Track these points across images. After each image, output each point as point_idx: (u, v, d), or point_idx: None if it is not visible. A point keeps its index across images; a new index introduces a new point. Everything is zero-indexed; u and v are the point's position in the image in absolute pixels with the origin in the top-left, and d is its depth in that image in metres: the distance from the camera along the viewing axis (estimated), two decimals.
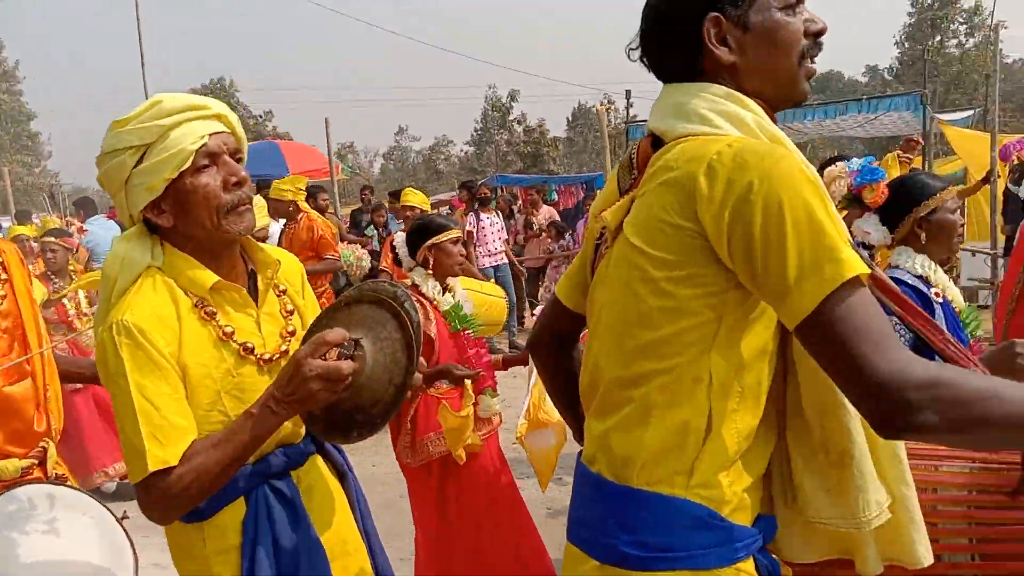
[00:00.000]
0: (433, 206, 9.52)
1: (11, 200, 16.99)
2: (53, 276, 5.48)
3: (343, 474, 1.76)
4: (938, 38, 43.25)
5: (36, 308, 2.31)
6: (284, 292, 1.69)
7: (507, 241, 9.76)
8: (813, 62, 1.33)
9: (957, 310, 2.35)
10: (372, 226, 9.48)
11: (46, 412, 2.24)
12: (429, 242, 3.11)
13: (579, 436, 1.62)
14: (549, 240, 10.88)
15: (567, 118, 47.89)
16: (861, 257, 1.14)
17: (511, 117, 41.94)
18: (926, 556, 1.33)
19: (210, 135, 1.51)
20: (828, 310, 1.09)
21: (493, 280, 7.24)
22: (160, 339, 1.44)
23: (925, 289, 2.32)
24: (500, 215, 9.87)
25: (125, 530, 2.18)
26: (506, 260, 9.37)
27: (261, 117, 40.64)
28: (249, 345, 1.55)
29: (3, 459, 2.13)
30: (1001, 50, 9.74)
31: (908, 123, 10.13)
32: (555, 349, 1.69)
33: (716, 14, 1.26)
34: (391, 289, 1.51)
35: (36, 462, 2.21)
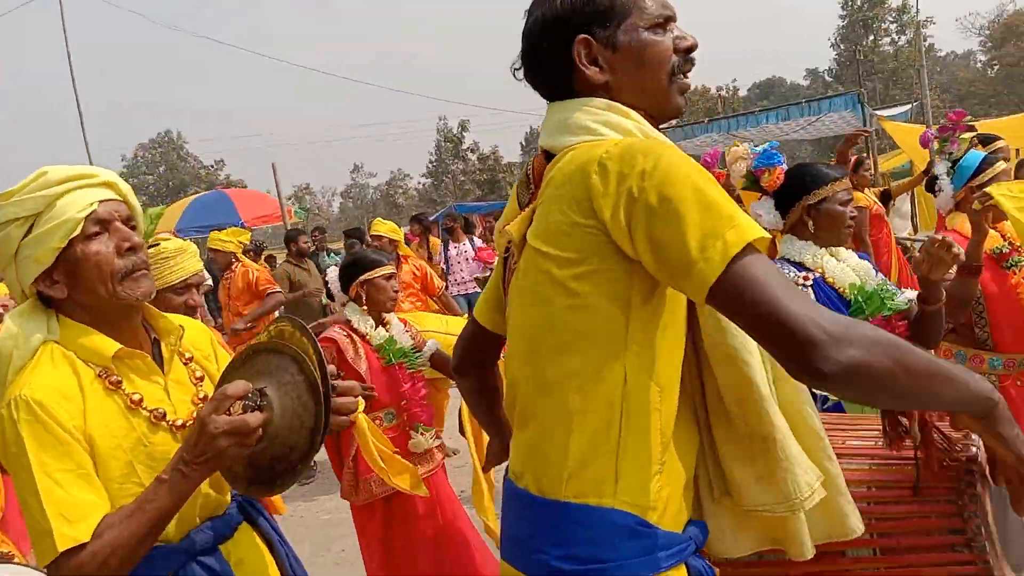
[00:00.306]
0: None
1: None
2: None
3: (271, 543, 1.69)
4: (871, 38, 44.48)
5: None
6: (191, 359, 1.65)
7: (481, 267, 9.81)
8: (686, 77, 1.37)
9: (841, 291, 2.41)
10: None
11: None
12: (361, 278, 3.16)
13: (506, 454, 1.63)
14: None
15: (520, 143, 48.29)
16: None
17: (464, 146, 42.19)
18: (858, 526, 1.37)
19: (100, 202, 1.49)
20: (736, 272, 1.12)
21: (466, 311, 7.30)
22: (63, 413, 1.39)
23: (795, 271, 2.40)
24: (471, 242, 9.98)
25: None
26: (478, 289, 9.44)
27: (213, 167, 40.39)
28: (160, 411, 1.51)
29: None
30: (933, 44, 10.15)
31: (849, 122, 10.42)
32: (477, 370, 1.75)
33: (585, 36, 1.31)
34: (289, 329, 1.47)
35: None
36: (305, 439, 1.39)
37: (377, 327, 3.18)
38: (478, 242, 10.07)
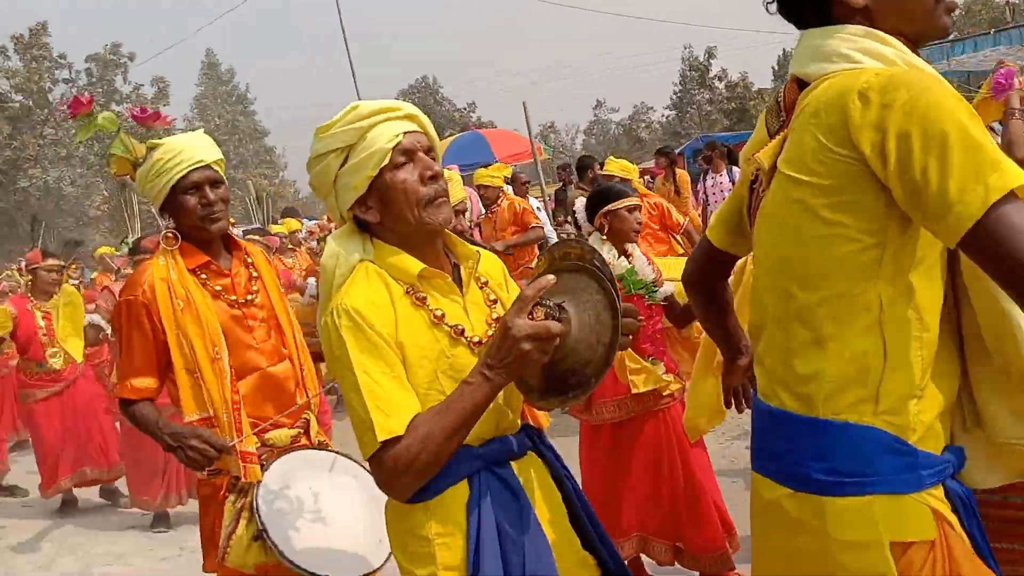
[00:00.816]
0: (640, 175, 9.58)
1: (252, 210, 18.96)
2: None
3: (557, 477, 1.74)
4: None
5: (284, 299, 2.60)
6: (486, 284, 1.74)
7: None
8: None
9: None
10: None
11: (304, 388, 2.50)
12: (604, 208, 3.27)
13: (729, 366, 1.95)
14: None
15: (772, 67, 45.72)
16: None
17: (711, 75, 40.68)
18: None
19: (404, 133, 1.59)
20: (995, 219, 1.10)
21: None
22: (377, 321, 1.52)
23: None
24: (729, 173, 9.32)
25: None
26: None
27: (465, 109, 42.23)
28: (460, 327, 1.60)
29: (277, 429, 2.40)
30: None
31: None
32: (707, 285, 1.87)
33: None
34: (586, 254, 1.53)
35: (302, 431, 2.48)
36: (601, 355, 1.44)
37: (619, 257, 3.27)
38: (737, 172, 9.59)
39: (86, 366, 6.05)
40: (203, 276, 2.40)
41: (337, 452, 2.50)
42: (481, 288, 1.73)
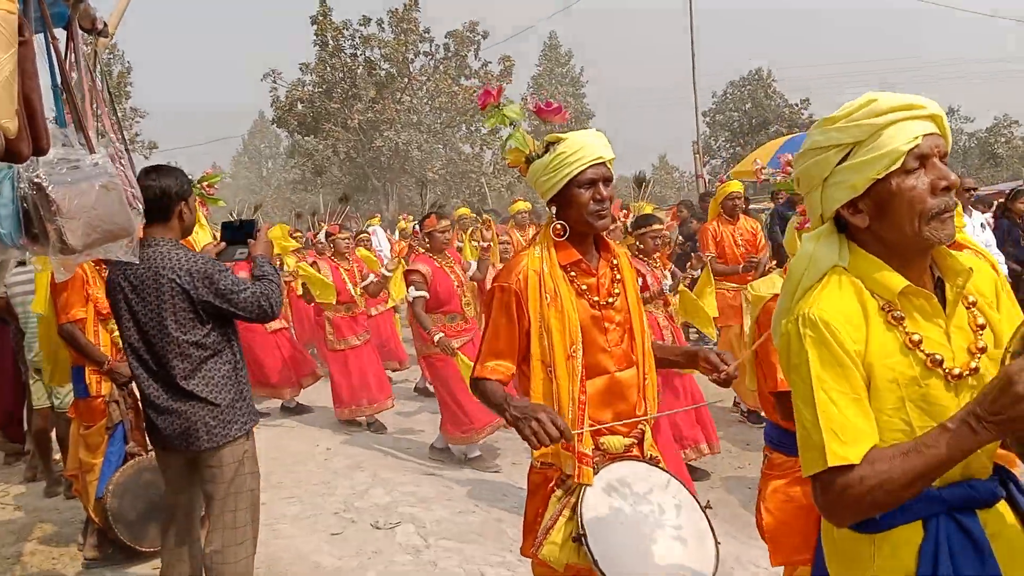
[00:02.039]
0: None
1: None
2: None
3: None
4: None
5: (642, 305, 2.60)
6: (974, 304, 1.55)
7: None
8: None
9: None
10: None
11: (643, 398, 2.48)
12: None
13: None
14: None
15: None
16: None
17: None
18: None
19: (923, 136, 1.44)
20: None
21: None
22: (846, 336, 1.43)
23: None
24: None
25: (707, 518, 2.37)
26: None
27: (797, 105, 40.21)
28: (937, 357, 1.45)
29: (612, 435, 2.42)
30: None
31: None
32: None
33: None
34: None
35: (636, 441, 2.48)
36: None
37: None
38: None
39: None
40: (572, 273, 2.45)
41: (665, 470, 2.48)
42: (968, 309, 1.55)
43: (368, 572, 4.34)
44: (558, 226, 2.43)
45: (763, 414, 5.32)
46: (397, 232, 12.22)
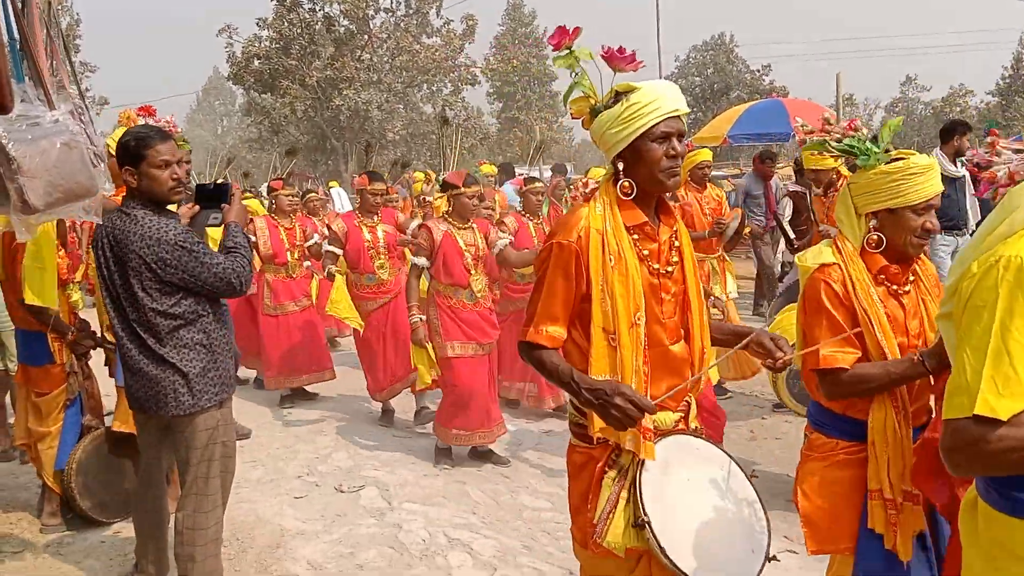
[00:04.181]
0: None
1: (530, 154, 19.46)
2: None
3: None
4: None
5: (698, 275, 2.42)
6: None
7: None
8: None
9: None
10: None
11: (695, 372, 2.36)
12: None
13: None
14: None
15: None
16: None
17: None
18: None
19: None
20: None
21: None
22: None
23: None
24: None
25: (754, 487, 2.33)
26: None
27: (758, 72, 40.32)
28: None
29: (662, 411, 2.29)
30: None
31: None
32: None
33: None
34: None
35: (683, 415, 2.39)
36: None
37: None
38: None
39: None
40: (635, 236, 2.26)
41: (710, 440, 2.42)
42: None
43: (332, 535, 4.35)
44: (626, 183, 2.21)
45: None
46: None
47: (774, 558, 2.22)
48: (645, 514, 2.10)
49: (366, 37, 29.65)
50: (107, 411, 4.62)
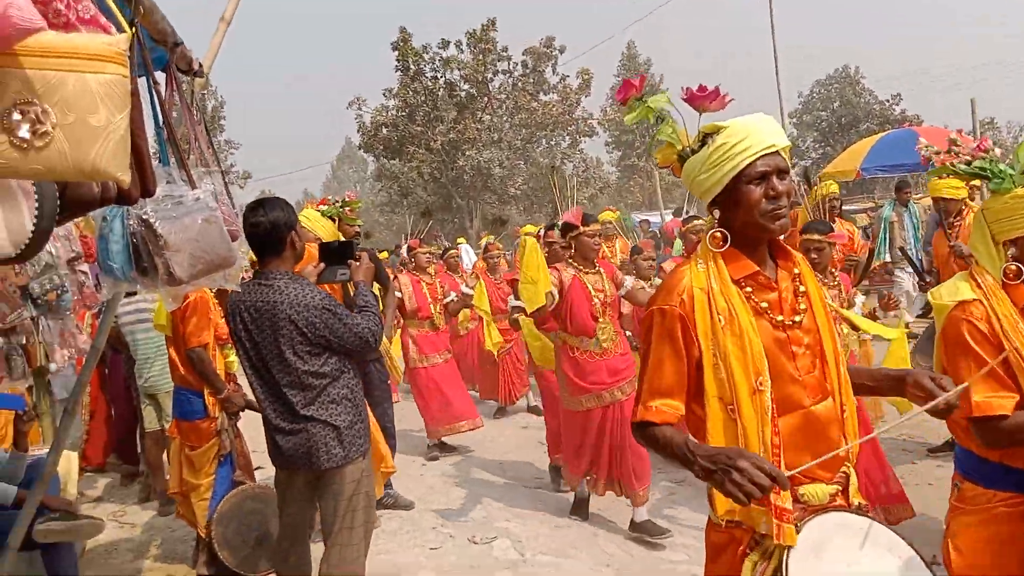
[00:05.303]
0: None
1: (659, 196, 19.41)
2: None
3: None
4: None
5: (832, 321, 2.12)
6: None
7: None
8: None
9: None
10: None
11: (844, 434, 2.01)
12: None
13: None
14: None
15: None
16: None
17: None
18: None
19: None
20: None
21: None
22: None
23: None
24: None
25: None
26: None
27: (887, 102, 38.88)
28: None
29: (811, 483, 1.96)
30: None
31: None
32: None
33: None
34: None
35: (840, 488, 2.01)
36: None
37: None
38: None
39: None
40: (748, 289, 1.99)
41: (878, 520, 2.01)
42: None
43: None
44: (717, 234, 1.99)
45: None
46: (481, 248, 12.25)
47: None
48: None
49: (486, 99, 30.53)
50: (256, 466, 4.89)
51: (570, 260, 5.19)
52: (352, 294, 3.57)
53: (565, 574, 4.46)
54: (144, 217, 2.76)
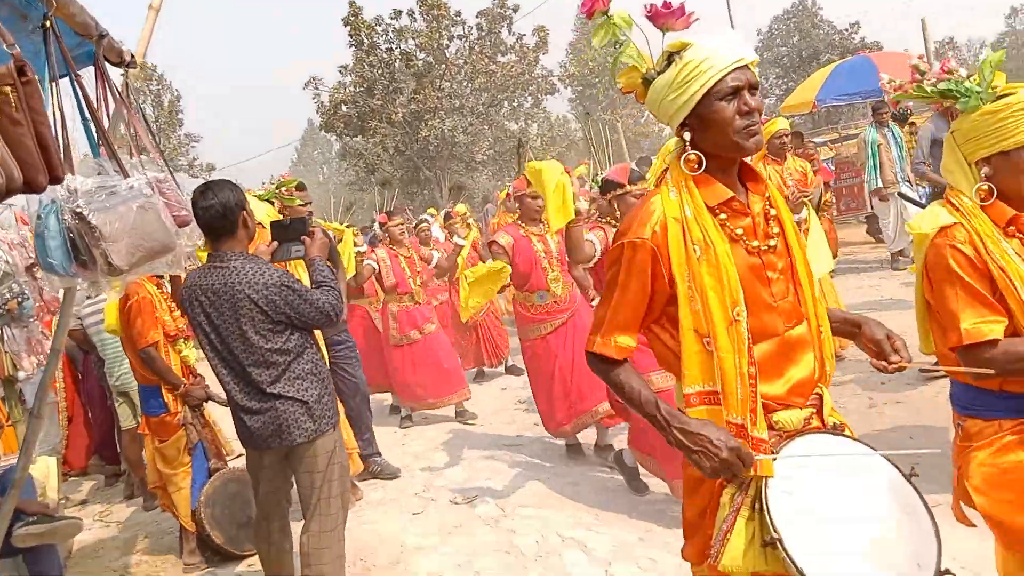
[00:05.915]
0: None
1: (625, 149, 19.39)
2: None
3: None
4: None
5: (803, 243, 2.09)
6: None
7: None
8: None
9: None
10: None
11: (822, 358, 1.98)
12: None
13: None
14: None
15: None
16: None
17: None
18: None
19: None
20: None
21: None
22: None
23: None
24: None
25: (916, 488, 1.88)
26: None
27: (847, 31, 38.83)
28: None
29: (785, 410, 1.93)
30: None
31: None
32: None
33: None
34: None
35: (814, 410, 1.98)
36: None
37: None
38: None
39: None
40: (722, 216, 1.92)
41: (859, 440, 1.98)
42: None
43: (449, 546, 4.46)
44: (692, 155, 1.91)
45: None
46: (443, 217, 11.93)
47: (947, 572, 1.78)
48: (775, 531, 1.75)
49: (443, 67, 30.25)
50: (238, 454, 4.92)
51: (610, 220, 4.87)
52: (308, 270, 3.57)
53: (546, 524, 4.53)
54: (77, 210, 2.74)
